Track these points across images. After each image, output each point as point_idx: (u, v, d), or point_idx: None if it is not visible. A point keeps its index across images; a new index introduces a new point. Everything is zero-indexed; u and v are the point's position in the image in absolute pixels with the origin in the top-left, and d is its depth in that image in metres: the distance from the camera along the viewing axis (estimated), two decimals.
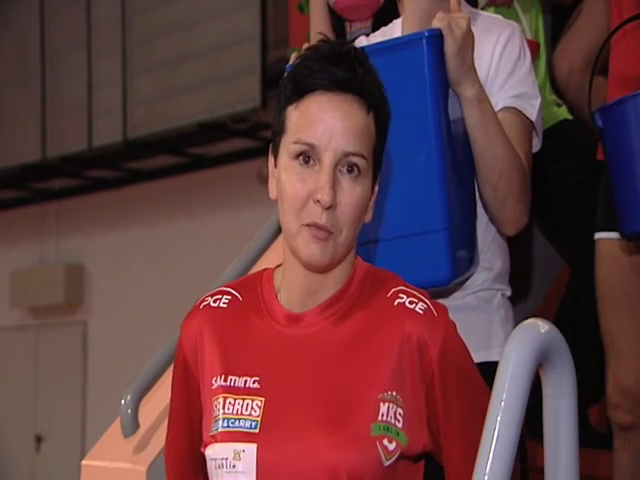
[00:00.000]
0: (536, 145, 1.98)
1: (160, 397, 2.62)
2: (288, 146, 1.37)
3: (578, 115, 2.74)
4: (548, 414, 1.33)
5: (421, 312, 1.38)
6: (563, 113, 2.75)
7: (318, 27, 2.69)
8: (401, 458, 1.37)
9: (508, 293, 1.97)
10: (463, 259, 1.84)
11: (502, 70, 1.91)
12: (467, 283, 1.90)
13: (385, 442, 1.34)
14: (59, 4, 7.13)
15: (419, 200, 1.78)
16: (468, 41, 1.80)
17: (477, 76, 1.83)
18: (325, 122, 1.35)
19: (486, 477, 1.17)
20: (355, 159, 1.36)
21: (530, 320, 1.29)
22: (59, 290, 7.85)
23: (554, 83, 2.86)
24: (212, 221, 6.92)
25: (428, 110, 1.78)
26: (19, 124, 7.34)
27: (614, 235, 2.15)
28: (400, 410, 1.36)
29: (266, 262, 2.66)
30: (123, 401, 2.53)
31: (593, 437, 2.55)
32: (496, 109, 1.90)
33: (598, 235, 2.18)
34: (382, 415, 1.35)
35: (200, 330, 1.46)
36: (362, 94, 1.37)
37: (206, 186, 7.04)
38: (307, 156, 1.36)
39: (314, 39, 2.67)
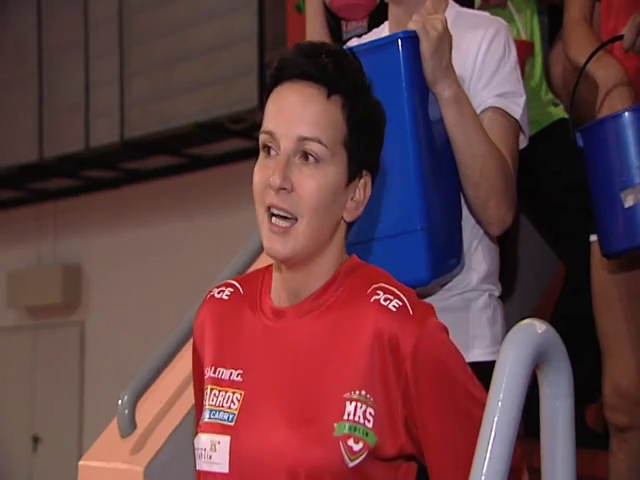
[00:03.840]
0: (522, 142, 1.98)
1: (157, 397, 2.62)
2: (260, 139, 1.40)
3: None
4: (545, 414, 1.33)
5: (394, 309, 1.35)
6: (559, 112, 2.76)
7: (314, 26, 2.69)
8: (372, 459, 1.34)
9: (497, 293, 1.96)
10: (445, 260, 1.84)
11: (487, 69, 1.91)
12: (452, 284, 1.89)
13: (350, 442, 1.33)
14: (56, 4, 7.12)
15: (398, 201, 1.79)
16: (444, 42, 1.79)
17: (455, 76, 1.82)
18: (283, 110, 1.36)
19: (483, 478, 1.17)
20: (311, 145, 1.35)
21: (527, 320, 1.29)
22: (56, 290, 7.85)
23: (551, 83, 2.87)
24: (209, 221, 6.92)
25: (404, 111, 1.78)
26: (16, 124, 7.33)
27: None
28: (370, 410, 1.34)
29: (264, 262, 2.65)
30: (120, 401, 2.53)
31: (590, 437, 2.55)
32: (480, 108, 1.90)
33: (594, 237, 2.18)
34: (348, 414, 1.33)
35: (204, 321, 1.50)
36: (323, 81, 1.36)
37: (203, 186, 7.04)
38: (270, 146, 1.37)
39: (310, 39, 2.67)
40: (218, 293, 1.50)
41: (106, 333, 7.62)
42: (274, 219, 1.36)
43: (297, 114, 1.35)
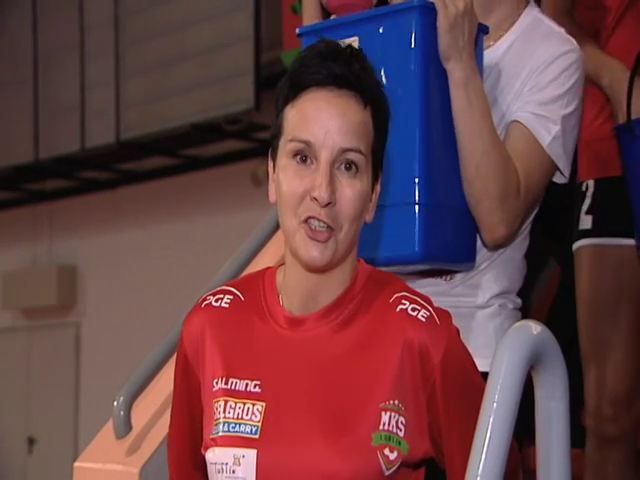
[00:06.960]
0: (559, 178, 1.85)
1: (153, 399, 2.62)
2: (285, 145, 1.36)
3: None
4: (540, 415, 1.33)
5: (423, 320, 1.36)
6: None
7: None
8: (402, 466, 1.36)
9: (511, 305, 1.87)
10: (445, 246, 1.76)
11: (538, 82, 1.81)
12: (458, 299, 1.82)
13: (386, 452, 1.34)
14: (52, 5, 7.12)
15: (401, 171, 1.73)
16: (464, 22, 1.71)
17: (472, 61, 1.74)
18: (321, 119, 1.34)
19: (478, 478, 1.17)
20: (352, 155, 1.34)
21: (522, 322, 1.30)
22: (52, 291, 7.84)
23: None
24: (205, 222, 6.92)
25: (414, 80, 1.72)
26: (12, 125, 7.33)
27: (596, 241, 2.13)
28: (402, 419, 1.35)
29: (260, 263, 2.66)
30: (116, 403, 2.53)
31: (585, 438, 2.55)
32: (513, 116, 1.81)
33: (580, 243, 2.17)
34: (384, 424, 1.34)
35: (202, 329, 1.45)
36: (358, 89, 1.35)
37: (199, 187, 7.04)
38: (304, 155, 1.34)
39: None
40: (216, 301, 1.46)
41: (102, 334, 7.61)
42: (315, 226, 1.34)
43: (337, 125, 1.33)
